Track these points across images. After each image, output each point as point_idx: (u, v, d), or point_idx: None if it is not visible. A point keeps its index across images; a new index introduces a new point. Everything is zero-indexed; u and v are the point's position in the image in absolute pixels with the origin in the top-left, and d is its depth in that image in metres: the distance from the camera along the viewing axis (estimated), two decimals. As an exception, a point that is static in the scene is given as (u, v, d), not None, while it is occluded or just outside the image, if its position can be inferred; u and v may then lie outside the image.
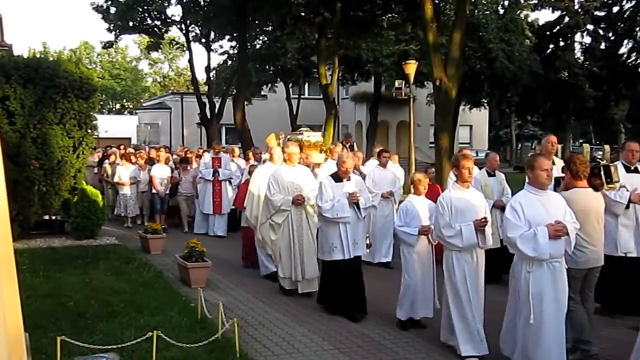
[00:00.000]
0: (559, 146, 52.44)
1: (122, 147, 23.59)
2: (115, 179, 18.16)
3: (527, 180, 6.67)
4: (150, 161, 18.79)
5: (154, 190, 17.59)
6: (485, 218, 7.29)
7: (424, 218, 8.37)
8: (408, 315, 8.41)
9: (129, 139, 48.05)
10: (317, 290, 9.85)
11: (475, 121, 53.59)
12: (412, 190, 8.68)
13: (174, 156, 19.44)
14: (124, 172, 18.09)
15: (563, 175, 7.57)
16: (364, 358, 7.27)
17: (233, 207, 15.90)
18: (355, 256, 9.06)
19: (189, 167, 17.96)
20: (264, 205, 10.46)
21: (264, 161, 14.72)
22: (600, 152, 49.43)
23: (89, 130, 15.18)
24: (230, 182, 16.95)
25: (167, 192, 17.66)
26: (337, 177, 9.25)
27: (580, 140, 66.09)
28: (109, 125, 45.10)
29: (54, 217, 15.57)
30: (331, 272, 9.14)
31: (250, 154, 17.61)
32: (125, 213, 18.06)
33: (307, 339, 7.94)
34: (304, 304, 9.64)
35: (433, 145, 28.31)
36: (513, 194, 8.39)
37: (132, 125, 56.83)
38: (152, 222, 15.66)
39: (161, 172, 17.76)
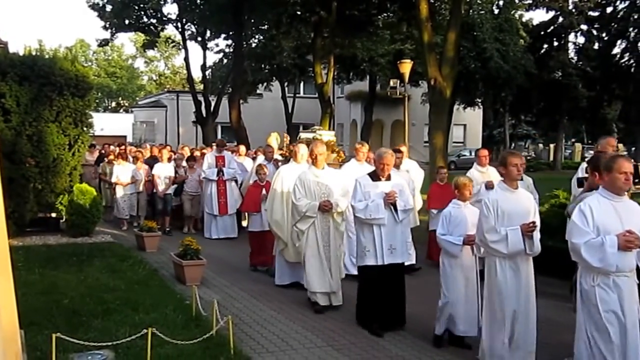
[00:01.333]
0: (552, 146, 52.73)
1: (122, 146, 22.48)
2: (113, 179, 17.15)
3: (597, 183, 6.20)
4: (153, 159, 18.12)
5: (154, 190, 16.65)
6: (534, 222, 6.60)
7: (470, 226, 7.57)
8: (445, 327, 7.72)
9: (125, 137, 47.91)
10: (341, 303, 9.28)
11: (469, 120, 53.67)
12: (457, 196, 7.93)
13: (176, 154, 18.48)
14: (120, 172, 17.05)
15: (587, 175, 7.47)
16: (357, 355, 7.32)
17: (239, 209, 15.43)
18: (391, 264, 8.21)
19: (195, 166, 16.93)
20: (292, 210, 9.66)
21: (274, 161, 14.55)
22: (592, 152, 49.53)
23: (85, 128, 15.16)
24: (235, 182, 16.24)
25: (169, 192, 16.59)
26: (375, 176, 8.47)
27: (573, 140, 66.26)
28: (105, 123, 45.05)
29: (48, 215, 15.56)
30: (363, 278, 8.41)
31: (260, 152, 17.02)
32: (120, 215, 17.07)
33: (301, 336, 7.99)
34: (297, 302, 9.67)
35: (427, 144, 28.39)
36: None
37: (127, 124, 56.76)
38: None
39: (164, 171, 16.66)
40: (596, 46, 45.03)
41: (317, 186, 9.31)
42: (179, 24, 38.85)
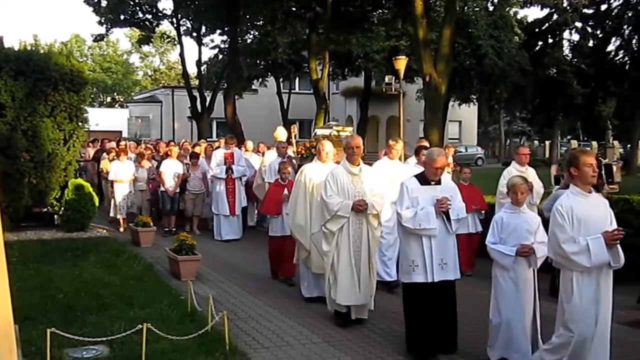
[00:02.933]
0: (547, 142, 52.80)
1: (122, 142, 21.36)
2: (111, 176, 15.96)
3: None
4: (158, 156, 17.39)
5: (162, 189, 15.53)
6: (619, 230, 5.93)
7: (526, 234, 6.76)
8: (501, 355, 6.86)
9: (120, 132, 47.87)
10: (366, 317, 8.37)
11: (464, 117, 53.77)
12: (510, 200, 7.03)
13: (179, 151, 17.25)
14: (119, 169, 15.91)
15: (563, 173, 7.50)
16: (352, 351, 7.32)
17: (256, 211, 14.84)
18: (442, 281, 7.14)
19: (199, 163, 15.94)
20: (318, 210, 8.64)
21: (288, 158, 13.88)
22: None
23: (80, 123, 15.15)
24: (241, 180, 15.50)
25: (178, 190, 15.57)
26: (423, 179, 7.37)
27: (568, 137, 66.39)
28: (100, 118, 44.89)
29: (44, 209, 15.55)
30: (410, 298, 7.32)
31: (266, 148, 16.36)
32: (118, 214, 15.85)
33: (297, 331, 7.98)
34: (293, 298, 9.68)
35: (423, 139, 28.39)
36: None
37: (122, 119, 56.61)
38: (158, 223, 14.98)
39: (173, 169, 15.58)
40: (591, 43, 45.08)
41: (351, 184, 8.25)
42: (174, 20, 38.78)
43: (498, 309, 6.83)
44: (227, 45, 39.18)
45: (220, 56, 42.74)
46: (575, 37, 46.70)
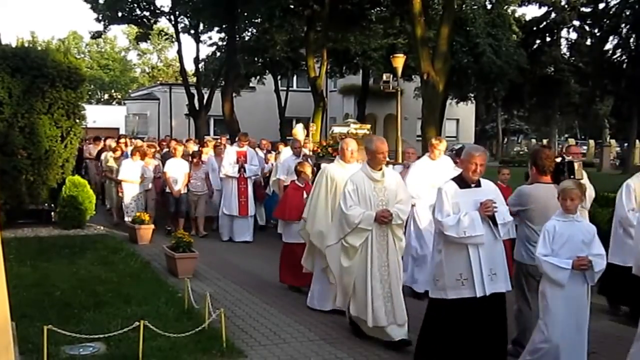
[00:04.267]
0: (545, 141, 52.82)
1: (121, 139, 20.44)
2: (120, 176, 15.37)
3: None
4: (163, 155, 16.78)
5: (167, 190, 15.01)
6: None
7: (582, 245, 6.09)
8: None
9: (117, 129, 47.83)
10: (406, 337, 7.45)
11: (462, 115, 53.73)
12: (561, 207, 6.28)
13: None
14: (129, 168, 15.34)
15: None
16: (350, 349, 7.33)
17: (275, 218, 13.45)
18: (493, 293, 6.44)
19: (201, 162, 15.48)
20: (336, 222, 7.74)
21: (304, 156, 13.55)
22: (585, 147, 49.80)
23: (77, 120, 15.10)
24: (252, 179, 14.97)
25: (185, 191, 14.94)
26: (463, 181, 6.65)
27: (566, 135, 66.49)
28: (97, 115, 44.91)
29: (41, 207, 15.53)
30: (455, 316, 6.47)
31: (281, 146, 15.84)
32: (128, 217, 14.99)
33: (294, 329, 7.99)
34: (290, 296, 9.70)
35: (420, 138, 28.43)
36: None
37: (120, 116, 56.51)
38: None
39: (178, 168, 15.02)
40: (588, 42, 45.07)
41: (373, 192, 7.45)
42: (172, 17, 38.78)
43: (545, 329, 6.12)
44: (225, 43, 39.15)
45: (218, 54, 42.70)
46: (573, 35, 46.72)
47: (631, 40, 40.69)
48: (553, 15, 44.36)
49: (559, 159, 7.22)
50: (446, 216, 6.47)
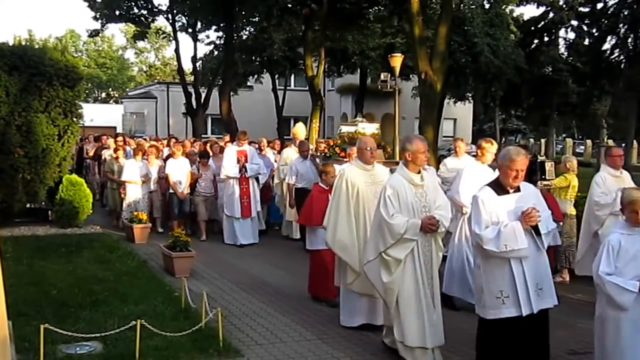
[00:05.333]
0: (542, 141, 52.87)
1: (119, 138, 19.54)
2: (123, 177, 14.78)
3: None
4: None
5: (171, 190, 14.52)
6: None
7: None
8: None
9: (114, 128, 47.81)
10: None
11: (459, 115, 53.75)
12: (626, 219, 5.65)
13: (189, 149, 16.35)
14: (133, 169, 14.82)
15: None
16: (346, 349, 7.33)
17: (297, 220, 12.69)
18: (540, 310, 5.88)
19: (209, 162, 14.93)
20: (375, 233, 6.83)
21: (312, 157, 13.38)
22: (582, 147, 49.86)
23: (75, 119, 15.09)
24: (257, 180, 14.53)
25: (188, 191, 14.57)
26: (501, 187, 6.00)
27: (564, 135, 66.50)
28: (95, 114, 44.85)
29: (38, 206, 15.52)
30: (498, 336, 5.98)
31: (294, 146, 14.77)
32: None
33: (290, 329, 8.00)
34: (287, 295, 9.69)
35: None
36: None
37: (117, 115, 56.54)
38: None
39: (179, 168, 14.59)
40: (586, 42, 45.06)
41: (415, 197, 6.67)
42: (169, 15, 38.74)
43: (602, 351, 5.61)
44: (222, 42, 39.09)
45: (216, 52, 42.67)
46: (571, 35, 46.72)
47: (629, 40, 40.69)
48: (551, 15, 44.36)
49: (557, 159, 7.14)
50: (484, 228, 5.83)
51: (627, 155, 40.58)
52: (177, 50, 39.79)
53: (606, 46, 42.61)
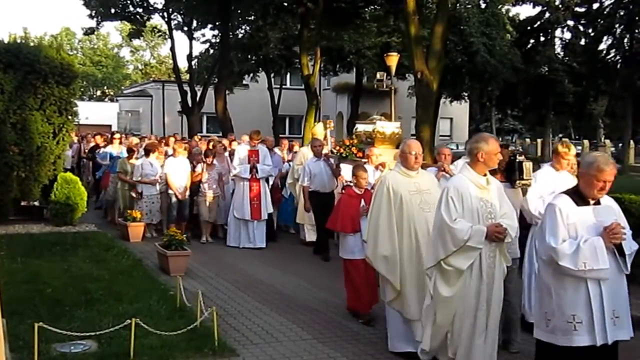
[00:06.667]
0: (539, 140, 52.91)
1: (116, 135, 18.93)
2: (135, 177, 14.00)
3: None
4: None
5: (169, 191, 13.89)
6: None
7: None
8: None
9: (110, 126, 47.75)
10: None
11: (455, 114, 53.82)
12: None
13: (193, 148, 15.87)
14: (148, 168, 14.01)
15: None
16: (342, 348, 7.30)
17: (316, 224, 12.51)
18: (613, 342, 5.19)
19: (215, 162, 14.16)
20: (435, 238, 6.01)
21: (325, 156, 12.75)
22: (580, 147, 49.92)
23: (70, 117, 15.05)
24: (267, 181, 14.02)
25: (187, 194, 13.94)
26: (581, 198, 5.31)
27: (560, 135, 66.59)
28: (90, 112, 44.80)
29: (32, 204, 15.48)
30: None
31: (295, 145, 14.61)
32: (146, 220, 13.94)
33: (286, 328, 7.96)
34: (282, 294, 9.66)
35: (414, 137, 28.38)
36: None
37: (112, 113, 56.49)
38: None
39: (179, 169, 13.93)
40: (582, 42, 45.17)
41: (479, 202, 5.92)
42: (165, 14, 38.73)
43: None
44: (218, 40, 39.14)
45: (212, 51, 42.67)
46: (567, 35, 46.82)
47: (625, 40, 40.80)
48: (547, 14, 44.44)
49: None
50: (562, 242, 5.14)
51: (624, 155, 40.74)
52: (172, 49, 39.77)
53: (602, 46, 42.76)
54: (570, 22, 45.00)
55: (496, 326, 6.02)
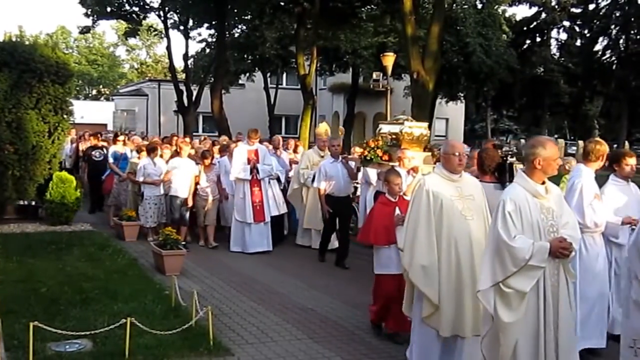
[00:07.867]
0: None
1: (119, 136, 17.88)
2: (139, 177, 13.46)
3: None
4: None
5: (170, 193, 13.15)
6: None
7: None
8: None
9: (105, 125, 47.69)
10: None
11: (451, 114, 53.81)
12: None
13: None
14: (152, 168, 13.40)
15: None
16: (337, 348, 7.30)
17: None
18: None
19: (213, 163, 13.64)
20: (492, 257, 5.14)
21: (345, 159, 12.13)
22: (575, 148, 49.97)
23: (65, 116, 15.03)
24: (279, 180, 13.58)
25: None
26: None
27: (555, 136, 66.68)
28: (85, 111, 44.72)
29: (27, 203, 15.46)
30: None
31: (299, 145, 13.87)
32: (150, 222, 13.43)
33: (281, 328, 7.96)
34: (278, 294, 9.66)
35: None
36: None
37: (108, 112, 56.38)
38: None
39: (185, 170, 13.17)
40: (578, 43, 45.35)
41: (540, 214, 5.15)
42: (161, 13, 38.60)
43: None
44: (214, 39, 39.04)
45: (208, 50, 42.62)
46: (563, 36, 47.02)
47: (621, 41, 40.98)
48: (543, 15, 44.61)
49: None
50: None
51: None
52: (168, 48, 39.69)
53: (598, 47, 42.97)
54: (566, 23, 45.17)
55: (569, 352, 5.18)
